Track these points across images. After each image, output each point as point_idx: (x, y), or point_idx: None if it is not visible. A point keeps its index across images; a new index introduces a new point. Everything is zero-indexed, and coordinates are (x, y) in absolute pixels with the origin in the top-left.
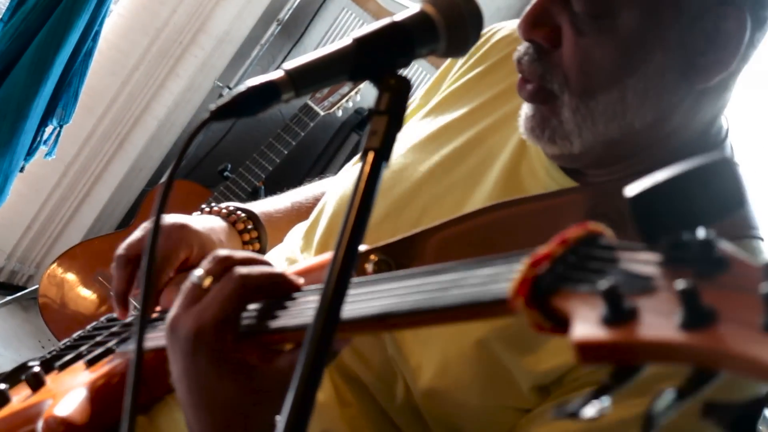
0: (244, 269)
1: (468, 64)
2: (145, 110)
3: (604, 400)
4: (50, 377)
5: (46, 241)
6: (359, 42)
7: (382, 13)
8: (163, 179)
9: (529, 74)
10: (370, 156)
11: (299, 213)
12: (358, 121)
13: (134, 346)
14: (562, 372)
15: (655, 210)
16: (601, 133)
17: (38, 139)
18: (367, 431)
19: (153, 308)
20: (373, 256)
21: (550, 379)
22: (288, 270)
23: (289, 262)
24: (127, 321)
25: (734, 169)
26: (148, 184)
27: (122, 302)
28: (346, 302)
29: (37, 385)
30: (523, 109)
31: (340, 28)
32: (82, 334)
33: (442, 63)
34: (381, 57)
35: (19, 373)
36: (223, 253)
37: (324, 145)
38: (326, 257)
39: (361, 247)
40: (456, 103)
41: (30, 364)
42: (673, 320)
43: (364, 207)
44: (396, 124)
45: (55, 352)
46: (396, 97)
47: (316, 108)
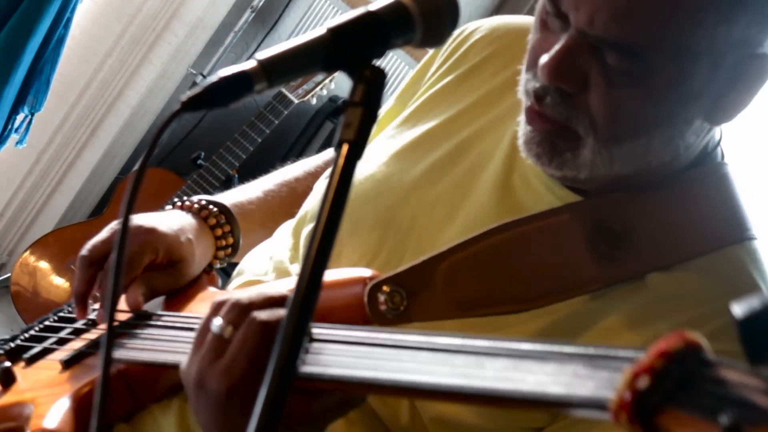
0: (264, 314)
1: (446, 66)
2: (117, 97)
3: None
4: (19, 371)
5: (18, 229)
6: (333, 32)
7: (358, 2)
8: (136, 168)
9: (552, 115)
10: (345, 148)
11: (271, 202)
12: (332, 109)
13: (101, 359)
14: None
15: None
16: (615, 171)
17: (9, 127)
18: None
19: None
20: (385, 287)
21: None
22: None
23: (277, 270)
24: (92, 317)
25: None
26: (121, 172)
27: (81, 303)
28: (395, 366)
29: (8, 381)
30: (525, 128)
31: (314, 16)
32: (48, 323)
33: (420, 53)
34: (356, 47)
35: None
36: (241, 299)
37: (298, 133)
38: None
39: (367, 272)
40: (437, 107)
41: None
42: None
43: (339, 199)
44: (371, 115)
45: (19, 341)
46: (371, 89)
47: (290, 96)
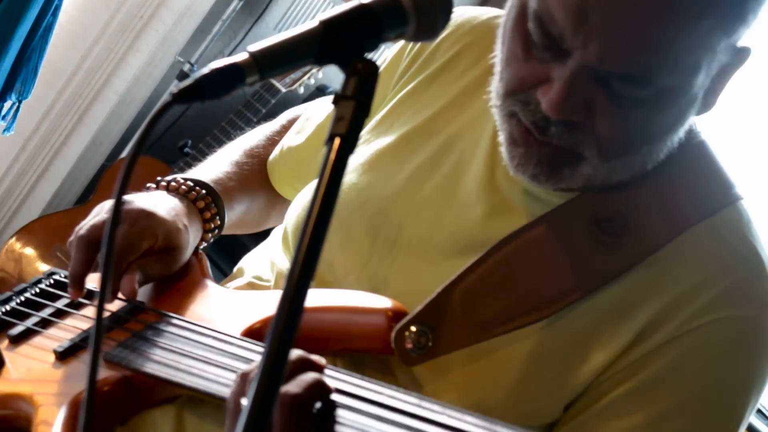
0: (294, 388)
1: (414, 67)
2: (105, 85)
3: None
4: (7, 353)
5: (4, 215)
6: (326, 24)
7: None
8: (123, 155)
9: (558, 144)
10: (336, 142)
11: (247, 175)
12: (319, 97)
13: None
14: (588, 383)
15: None
16: (612, 180)
17: None
18: None
19: (114, 295)
20: (413, 328)
21: (576, 394)
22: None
23: (281, 277)
24: (84, 300)
25: None
26: (108, 159)
27: (77, 285)
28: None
29: None
30: (512, 150)
31: (302, 5)
32: (29, 296)
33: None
34: (348, 41)
35: None
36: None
37: None
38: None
39: (387, 302)
40: (410, 108)
41: None
42: None
43: (330, 194)
44: (363, 109)
45: (1, 314)
46: (363, 82)
47: (278, 85)
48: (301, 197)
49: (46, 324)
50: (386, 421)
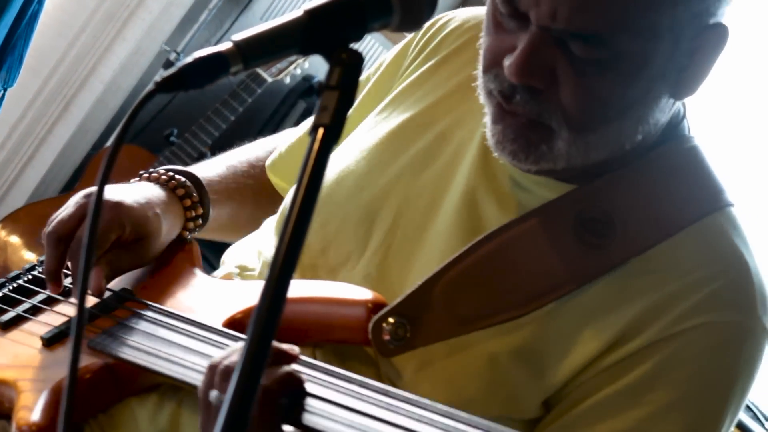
0: (264, 381)
1: (421, 58)
2: (91, 73)
3: None
4: None
5: None
6: (311, 14)
7: None
8: (109, 144)
9: (524, 113)
10: (320, 132)
11: (237, 177)
12: (305, 87)
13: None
14: (567, 380)
15: None
16: (591, 158)
17: None
18: None
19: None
20: (391, 319)
21: (555, 390)
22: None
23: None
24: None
25: None
26: (94, 148)
27: (55, 280)
28: None
29: None
30: (493, 128)
31: None
32: (21, 283)
33: (398, 37)
34: (333, 30)
35: None
36: (232, 365)
37: (271, 111)
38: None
39: (367, 294)
40: (411, 97)
41: None
42: None
43: (314, 185)
44: (347, 99)
45: None
46: (348, 72)
47: (264, 74)
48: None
49: (37, 311)
50: (354, 411)
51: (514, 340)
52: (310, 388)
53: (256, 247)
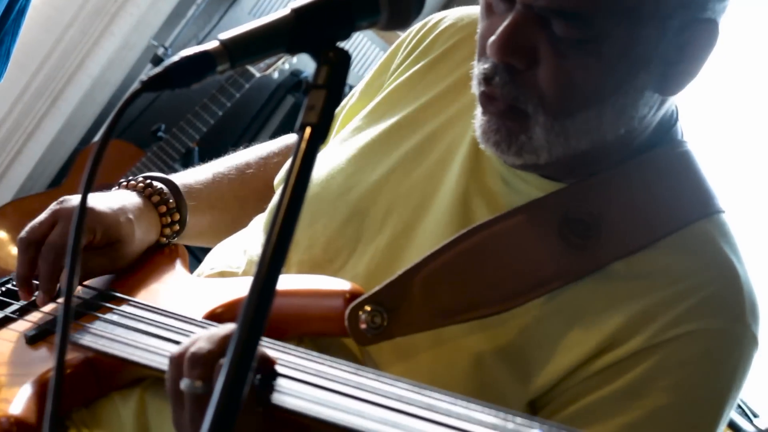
0: None
1: (412, 57)
2: (78, 68)
3: None
4: None
5: None
6: (298, 13)
7: None
8: (96, 139)
9: (501, 96)
10: (307, 132)
11: (220, 183)
12: (294, 83)
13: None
14: (553, 383)
15: None
16: (572, 147)
17: None
18: None
19: (51, 296)
20: (367, 307)
21: (542, 392)
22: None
23: (252, 265)
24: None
25: None
26: (81, 143)
27: (24, 286)
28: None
29: None
30: (480, 119)
31: None
32: (9, 286)
33: (389, 35)
34: (320, 29)
35: None
36: (199, 351)
37: (259, 106)
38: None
39: (345, 284)
40: (403, 98)
41: None
42: None
43: (301, 184)
44: (334, 98)
45: None
46: (335, 71)
47: (252, 69)
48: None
49: (24, 312)
50: (323, 389)
51: (496, 337)
52: (279, 369)
53: (242, 245)
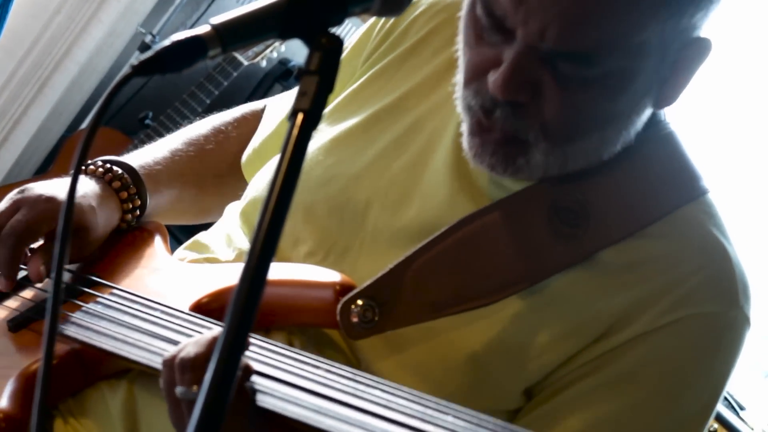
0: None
1: (386, 45)
2: (66, 55)
3: None
4: None
5: None
6: None
7: None
8: (83, 126)
9: (501, 129)
10: (300, 118)
11: (179, 161)
12: (282, 71)
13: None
14: (548, 371)
15: None
16: (569, 168)
17: None
18: None
19: (12, 282)
20: (359, 301)
21: (536, 380)
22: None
23: (240, 253)
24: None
25: None
26: (68, 130)
27: None
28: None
29: None
30: (471, 140)
31: None
32: None
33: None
34: (312, 14)
35: None
36: (187, 357)
37: (247, 94)
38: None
39: (335, 276)
40: (381, 88)
41: None
42: None
43: (293, 170)
44: (327, 84)
45: None
46: (327, 57)
47: (240, 58)
48: (264, 173)
49: (3, 297)
50: (319, 396)
51: (489, 328)
52: (276, 373)
53: (226, 231)
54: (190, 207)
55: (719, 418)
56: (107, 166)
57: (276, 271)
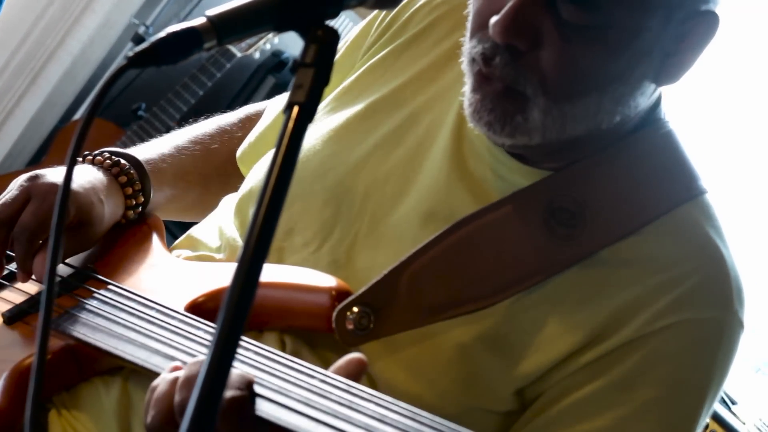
0: (234, 392)
1: (387, 35)
2: (59, 46)
3: None
4: None
5: None
6: None
7: None
8: (76, 117)
9: (500, 77)
10: (295, 110)
11: (185, 160)
12: (275, 63)
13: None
14: (541, 372)
15: None
16: (567, 133)
17: None
18: None
19: (27, 276)
20: (355, 308)
21: (530, 381)
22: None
23: (230, 247)
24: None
25: None
26: (61, 121)
27: None
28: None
29: None
30: (471, 97)
31: None
32: None
33: (370, 14)
34: (309, 7)
35: None
36: (183, 375)
37: (240, 86)
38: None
39: (332, 281)
40: (380, 78)
41: None
42: None
43: (288, 163)
44: (323, 77)
45: None
46: (323, 49)
47: (233, 49)
48: (260, 166)
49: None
50: (311, 407)
51: (482, 330)
52: (270, 381)
53: (218, 223)
54: (193, 205)
55: (711, 413)
56: (114, 158)
57: (272, 274)
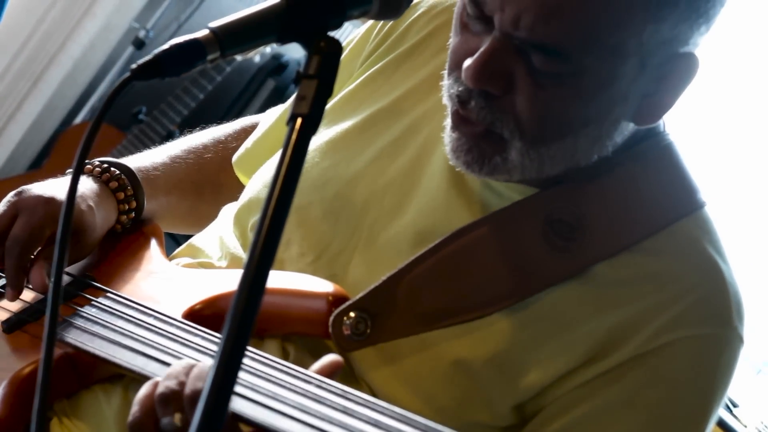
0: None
1: (385, 46)
2: (60, 49)
3: None
4: None
5: None
6: (289, 1)
7: None
8: (77, 121)
9: (477, 119)
10: (298, 122)
11: (177, 168)
12: (275, 66)
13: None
14: (541, 388)
15: None
16: (545, 173)
17: None
18: None
19: (19, 291)
20: (352, 314)
21: (529, 396)
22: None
23: (230, 256)
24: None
25: None
26: (62, 125)
27: None
28: None
29: None
30: (451, 135)
31: None
32: None
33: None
34: (312, 18)
35: None
36: (172, 388)
37: (240, 89)
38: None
39: (328, 286)
40: (378, 89)
41: None
42: None
43: (292, 175)
44: (326, 88)
45: None
46: (326, 61)
47: None
48: (260, 176)
49: None
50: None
51: (481, 341)
52: (265, 387)
53: (218, 233)
54: (186, 216)
55: None
56: (104, 166)
57: (270, 280)
